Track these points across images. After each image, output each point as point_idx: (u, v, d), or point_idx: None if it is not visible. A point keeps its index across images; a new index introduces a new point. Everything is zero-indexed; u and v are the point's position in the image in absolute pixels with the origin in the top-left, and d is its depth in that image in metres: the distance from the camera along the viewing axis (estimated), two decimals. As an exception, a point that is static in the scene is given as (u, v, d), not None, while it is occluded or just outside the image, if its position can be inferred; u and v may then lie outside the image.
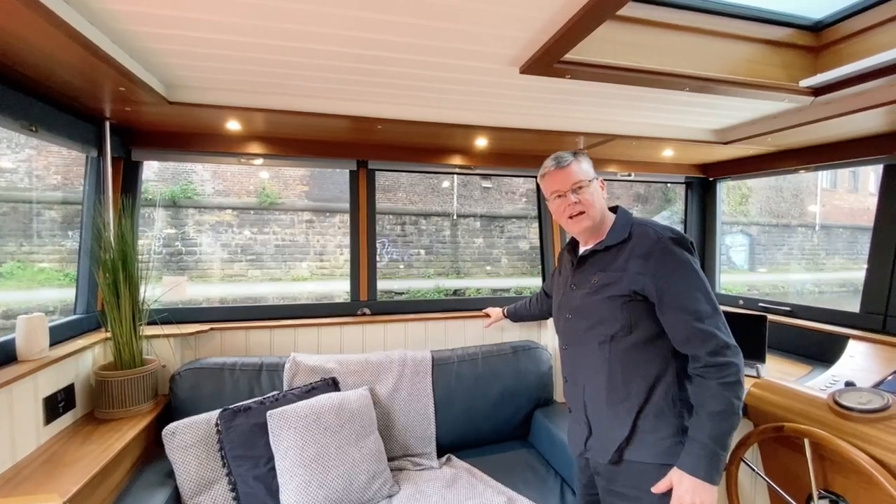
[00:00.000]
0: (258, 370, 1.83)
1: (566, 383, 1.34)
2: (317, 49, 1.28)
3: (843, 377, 1.47)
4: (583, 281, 1.26)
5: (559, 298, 1.37)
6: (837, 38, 1.57)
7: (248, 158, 2.11)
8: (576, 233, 1.29)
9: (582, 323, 1.25)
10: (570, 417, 1.35)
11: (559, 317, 1.36)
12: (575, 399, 1.29)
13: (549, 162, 1.29)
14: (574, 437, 1.32)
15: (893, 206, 1.88)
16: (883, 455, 1.11)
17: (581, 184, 1.23)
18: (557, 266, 1.48)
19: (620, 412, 1.17)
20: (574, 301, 1.28)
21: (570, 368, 1.31)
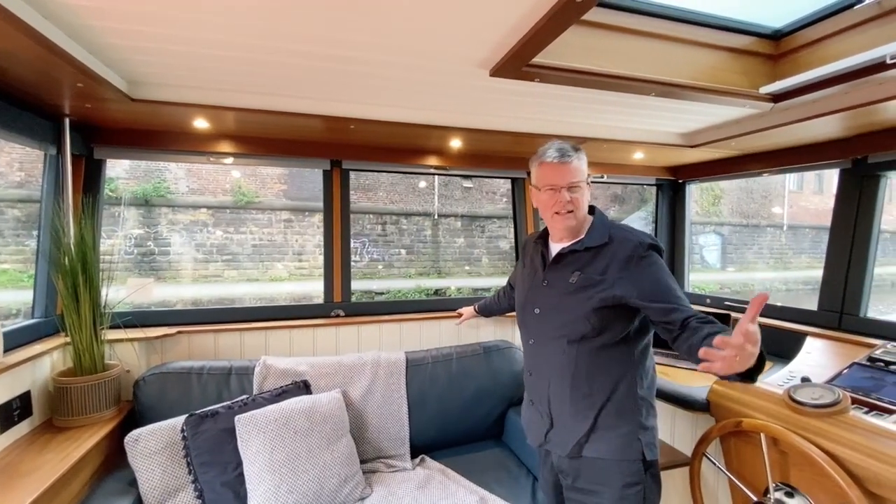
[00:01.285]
0: (227, 374, 1.80)
1: (530, 376, 1.35)
2: (286, 48, 1.27)
3: (799, 373, 1.53)
4: (558, 279, 1.26)
5: (525, 292, 1.36)
6: (795, 47, 1.63)
7: (217, 157, 2.07)
8: (558, 229, 1.29)
9: (553, 320, 1.25)
10: (530, 408, 1.36)
11: (525, 310, 1.35)
12: (538, 392, 1.31)
13: (552, 152, 1.24)
14: (534, 427, 1.34)
15: (849, 209, 1.97)
16: (833, 448, 1.16)
17: (578, 184, 1.23)
18: (521, 258, 1.48)
19: (582, 408, 1.20)
20: (546, 298, 1.28)
21: (535, 363, 1.32)
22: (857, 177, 1.94)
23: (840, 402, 1.20)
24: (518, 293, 1.42)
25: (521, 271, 1.45)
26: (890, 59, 1.31)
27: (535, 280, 1.34)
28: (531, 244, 1.42)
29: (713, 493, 1.61)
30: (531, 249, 1.41)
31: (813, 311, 2.04)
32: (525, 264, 1.43)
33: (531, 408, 1.36)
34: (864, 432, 1.14)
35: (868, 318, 1.89)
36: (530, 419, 1.37)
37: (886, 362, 1.50)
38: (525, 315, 1.35)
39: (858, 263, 1.91)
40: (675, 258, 2.92)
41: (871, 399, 1.36)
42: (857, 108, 1.55)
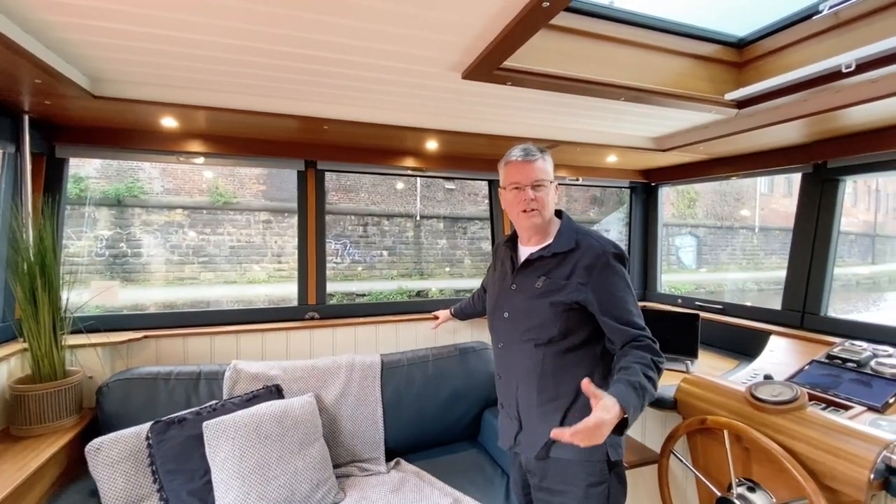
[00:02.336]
0: (196, 379, 1.75)
1: (499, 379, 1.36)
2: (258, 47, 1.25)
3: (762, 371, 1.58)
4: (525, 283, 1.28)
5: (495, 296, 1.38)
6: (758, 55, 1.68)
7: (187, 157, 2.02)
8: (524, 227, 1.30)
9: (521, 324, 1.27)
10: (501, 412, 1.38)
11: (495, 314, 1.36)
12: (507, 395, 1.33)
13: (517, 152, 1.27)
14: (505, 430, 1.35)
15: (810, 212, 2.04)
16: (791, 443, 1.20)
17: (542, 182, 1.25)
18: (493, 261, 1.49)
19: (549, 410, 1.22)
20: (515, 302, 1.29)
21: (504, 366, 1.33)
22: (818, 181, 2.02)
23: (798, 398, 1.24)
24: (489, 297, 1.43)
25: (492, 275, 1.46)
26: (845, 69, 1.36)
27: (504, 284, 1.35)
28: (502, 248, 1.43)
29: (681, 489, 1.65)
30: (502, 253, 1.42)
31: (777, 311, 2.11)
32: (496, 268, 1.44)
33: (502, 412, 1.38)
34: (821, 428, 1.18)
35: (828, 317, 1.96)
36: (502, 423, 1.39)
37: (843, 360, 1.57)
38: (495, 319, 1.36)
39: (819, 264, 1.99)
40: (647, 259, 2.98)
41: (828, 395, 1.41)
42: (816, 115, 1.61)
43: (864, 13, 1.37)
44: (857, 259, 17.25)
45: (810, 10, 1.49)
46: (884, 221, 19.36)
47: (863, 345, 1.63)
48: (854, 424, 1.17)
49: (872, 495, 1.10)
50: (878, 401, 1.34)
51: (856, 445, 1.10)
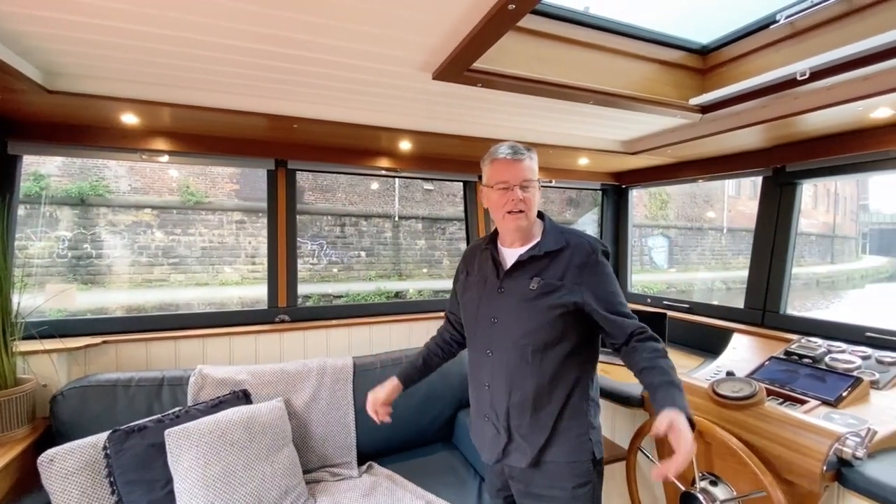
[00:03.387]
0: (158, 385, 1.69)
1: (485, 389, 1.25)
2: (221, 43, 1.21)
3: (725, 367, 1.63)
4: (517, 286, 1.21)
5: (477, 301, 1.28)
6: (721, 62, 1.74)
7: (151, 155, 1.95)
8: (509, 229, 1.24)
9: (514, 329, 1.19)
10: (483, 423, 1.28)
11: (479, 321, 1.27)
12: (495, 406, 1.23)
13: (504, 149, 1.21)
14: (489, 444, 1.27)
15: (770, 214, 2.12)
16: (750, 437, 1.24)
17: (530, 182, 1.20)
18: (461, 270, 1.39)
19: (542, 416, 1.19)
20: (505, 306, 1.22)
21: (493, 374, 1.23)
22: (777, 184, 2.10)
23: (756, 394, 1.28)
24: (468, 304, 1.32)
25: (465, 282, 1.35)
26: (800, 76, 1.42)
27: (487, 288, 1.26)
28: (477, 252, 1.35)
29: (649, 485, 1.68)
30: (478, 257, 1.34)
31: (740, 309, 2.18)
32: (470, 273, 1.35)
33: (485, 423, 1.27)
34: (777, 422, 1.22)
35: (787, 315, 2.04)
36: (483, 435, 1.29)
37: (800, 356, 1.63)
38: (479, 326, 1.27)
39: (779, 264, 2.07)
40: (619, 259, 3.04)
41: (785, 391, 1.47)
42: (775, 121, 1.67)
43: (817, 23, 1.44)
44: (818, 259, 18.09)
45: (768, 19, 1.55)
46: (842, 223, 20.36)
47: (818, 341, 1.70)
48: (808, 418, 1.22)
49: (826, 486, 1.14)
50: (831, 395, 1.40)
51: (809, 439, 1.14)
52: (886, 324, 1.73)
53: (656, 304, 2.67)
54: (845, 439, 1.12)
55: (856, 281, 17.90)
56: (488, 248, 1.31)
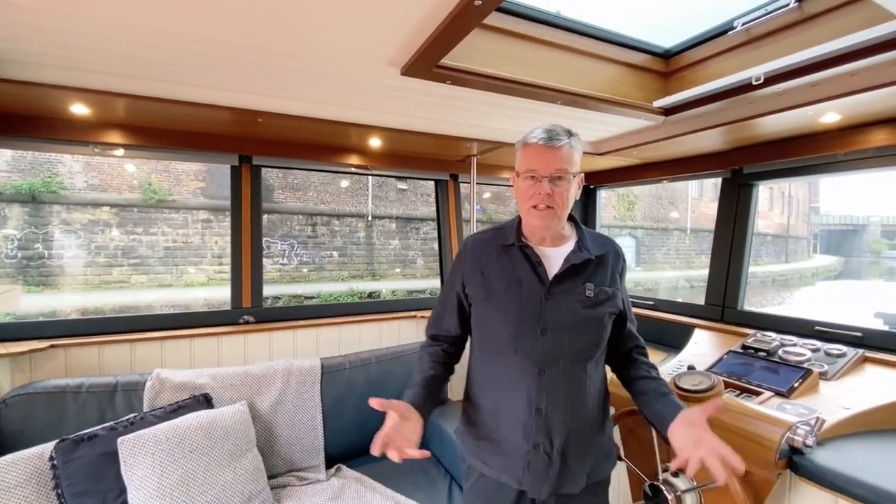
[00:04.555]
0: (111, 391, 1.61)
1: (535, 415, 1.05)
2: (180, 31, 1.15)
3: (687, 362, 1.68)
4: (568, 292, 1.08)
5: (516, 309, 1.08)
6: (682, 66, 1.79)
7: (103, 148, 1.85)
8: (535, 227, 1.10)
9: (571, 342, 1.06)
10: (522, 457, 1.07)
11: (520, 334, 1.06)
12: (551, 434, 1.06)
13: (540, 133, 1.06)
14: (539, 476, 1.07)
15: (728, 214, 2.21)
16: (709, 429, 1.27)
17: (564, 173, 1.05)
18: (467, 266, 1.16)
19: (598, 435, 1.16)
20: (556, 315, 1.06)
21: (548, 397, 1.06)
22: (735, 185, 2.18)
23: (715, 387, 1.33)
24: (495, 313, 1.10)
25: (485, 284, 1.12)
26: (755, 81, 1.48)
27: (526, 293, 1.08)
28: (492, 248, 1.15)
29: (614, 478, 1.72)
30: (497, 255, 1.13)
31: (701, 306, 2.26)
32: (488, 274, 1.12)
33: (534, 454, 1.06)
34: (734, 413, 1.27)
35: (744, 311, 2.13)
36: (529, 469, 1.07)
37: (756, 349, 1.70)
38: (519, 340, 1.07)
39: (736, 262, 2.15)
40: (588, 259, 3.10)
41: (742, 383, 1.53)
42: (733, 124, 1.74)
43: (771, 31, 1.50)
44: (773, 258, 19.05)
45: (726, 25, 1.60)
46: (795, 224, 21.52)
47: (772, 335, 1.77)
48: (762, 409, 1.27)
49: (778, 474, 1.19)
50: (784, 386, 1.47)
51: (763, 428, 1.19)
52: (834, 318, 1.83)
53: (623, 301, 2.74)
54: (796, 428, 1.17)
55: (807, 279, 18.97)
56: (515, 245, 1.12)
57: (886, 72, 1.29)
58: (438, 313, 1.24)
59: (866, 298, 12.97)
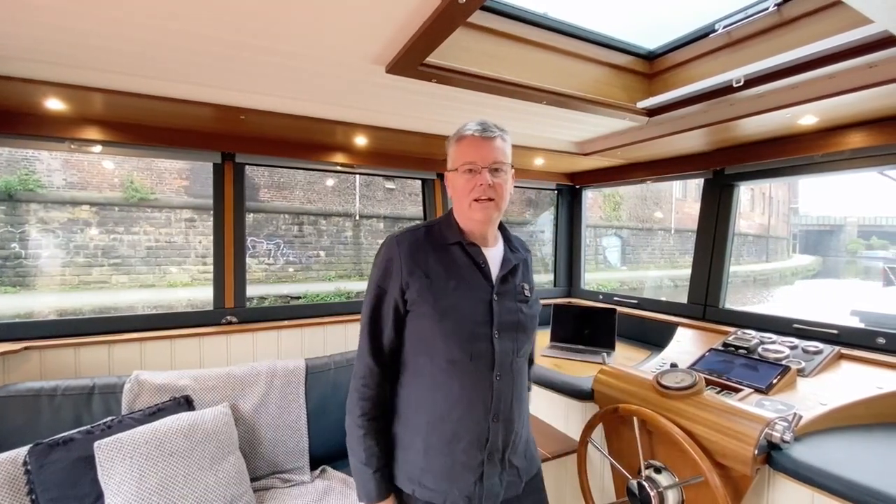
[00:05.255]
0: (88, 394, 1.56)
1: (493, 422, 1.01)
2: (160, 25, 1.13)
3: (669, 360, 1.71)
4: (509, 291, 1.06)
5: (470, 312, 1.01)
6: (665, 67, 1.82)
7: (80, 144, 1.80)
8: (477, 221, 1.04)
9: (517, 343, 1.05)
10: (474, 470, 1.01)
11: (475, 338, 1.00)
12: (504, 440, 1.04)
13: (473, 126, 1.03)
14: (494, 488, 1.03)
15: (710, 215, 2.24)
16: (690, 426, 1.29)
17: (502, 165, 1.02)
18: (414, 267, 1.02)
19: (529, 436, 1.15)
20: (504, 315, 1.03)
21: (501, 403, 1.02)
22: (717, 186, 2.22)
23: (696, 384, 1.35)
24: (448, 319, 1.00)
25: (431, 289, 1.01)
26: (736, 83, 1.51)
27: (475, 295, 1.03)
28: (427, 249, 1.05)
29: (599, 476, 1.73)
30: (437, 256, 1.05)
31: (684, 304, 2.30)
32: (433, 277, 1.02)
33: (490, 466, 1.02)
34: (715, 410, 1.29)
35: (726, 309, 2.17)
36: (485, 482, 1.02)
37: (736, 347, 1.73)
38: (475, 345, 1.00)
39: (718, 261, 2.19)
40: (572, 257, 3.12)
41: (722, 380, 1.56)
42: (714, 125, 1.77)
43: (751, 34, 1.53)
44: (755, 258, 19.47)
45: (707, 28, 1.63)
46: (775, 224, 22.03)
47: (752, 333, 1.81)
48: (741, 405, 1.29)
49: (757, 469, 1.22)
50: (763, 383, 1.50)
51: (742, 424, 1.21)
52: (812, 316, 1.88)
53: (607, 300, 2.77)
54: (774, 424, 1.19)
55: (787, 278, 19.44)
56: (459, 244, 1.06)
57: (862, 75, 1.32)
58: (371, 338, 1.04)
59: (843, 297, 13.34)
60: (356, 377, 1.05)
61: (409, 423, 1.04)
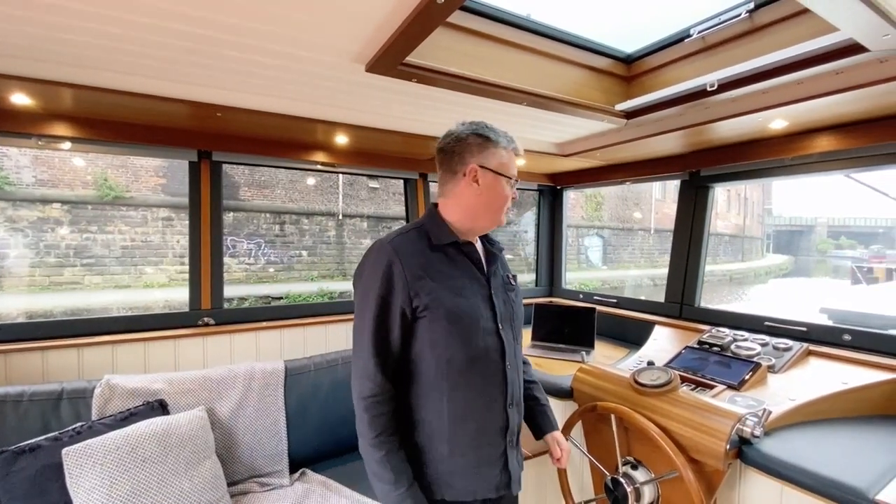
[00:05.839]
0: (56, 399, 1.51)
1: (508, 412, 1.07)
2: (133, 21, 1.09)
3: (647, 357, 1.74)
4: (500, 283, 1.14)
5: (479, 309, 1.05)
6: (643, 71, 1.85)
7: (48, 141, 1.74)
8: (496, 223, 1.12)
9: (516, 330, 1.14)
10: (498, 460, 1.06)
11: (486, 333, 1.04)
12: (515, 426, 1.10)
13: (515, 142, 1.14)
14: (507, 473, 1.08)
15: (686, 215, 2.29)
16: (665, 422, 1.32)
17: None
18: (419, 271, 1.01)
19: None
20: (502, 307, 1.09)
21: (514, 391, 1.09)
22: (693, 187, 2.27)
23: (671, 381, 1.38)
24: (463, 317, 1.02)
25: (441, 290, 1.01)
26: (710, 87, 1.54)
27: (481, 292, 1.07)
28: (423, 250, 1.04)
29: (579, 474, 1.76)
30: (437, 256, 1.05)
31: (661, 303, 2.34)
32: (437, 279, 1.02)
33: (509, 449, 1.08)
34: (689, 407, 1.32)
35: (701, 308, 2.22)
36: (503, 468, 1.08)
37: (710, 345, 1.78)
38: (490, 341, 1.05)
39: (694, 261, 2.24)
40: (554, 257, 3.16)
41: (697, 377, 1.59)
42: (690, 128, 1.80)
43: (725, 39, 1.57)
44: (731, 257, 20.00)
45: (683, 33, 1.66)
46: (750, 224, 22.67)
47: (725, 331, 1.86)
48: (714, 402, 1.32)
49: (729, 464, 1.25)
50: (735, 379, 1.54)
51: (715, 420, 1.24)
52: (782, 314, 1.93)
53: (587, 299, 2.81)
54: (745, 420, 1.23)
55: (761, 277, 20.03)
56: (455, 244, 1.08)
57: (829, 81, 1.37)
58: (378, 351, 0.99)
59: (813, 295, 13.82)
60: (362, 398, 0.98)
61: (429, 429, 1.02)
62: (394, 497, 0.97)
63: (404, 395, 1.04)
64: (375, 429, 0.97)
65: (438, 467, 1.02)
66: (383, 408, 0.99)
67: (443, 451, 1.02)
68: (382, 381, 0.99)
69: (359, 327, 1.01)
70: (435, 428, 1.02)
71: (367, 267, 1.03)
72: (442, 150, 1.11)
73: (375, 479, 0.99)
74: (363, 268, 1.05)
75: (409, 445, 1.03)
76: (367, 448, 0.99)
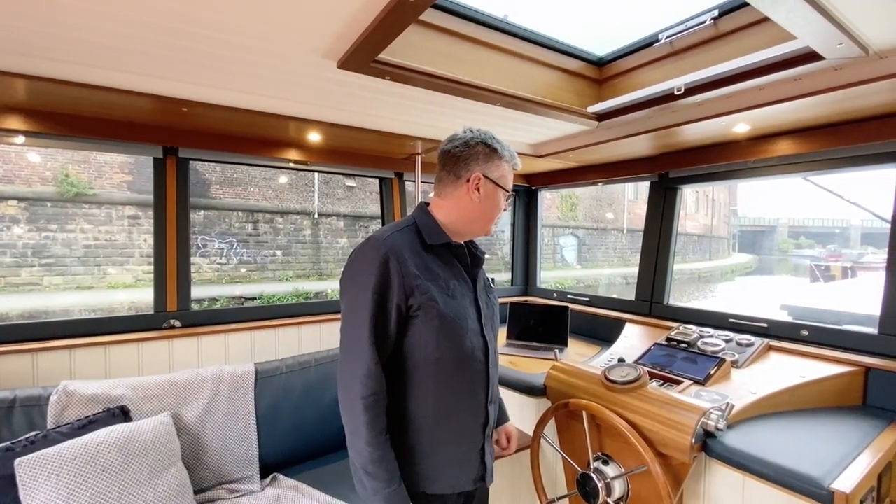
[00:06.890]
0: (8, 408, 1.43)
1: (488, 409, 1.14)
2: (88, 8, 1.04)
3: (618, 355, 1.78)
4: (483, 284, 1.19)
5: (466, 309, 1.09)
6: (614, 74, 1.88)
7: (0, 135, 1.64)
8: (486, 232, 1.16)
9: (494, 330, 1.20)
10: (477, 452, 1.13)
11: (471, 332, 1.09)
12: (492, 420, 1.18)
13: (517, 160, 1.17)
14: (482, 465, 1.15)
15: (655, 216, 2.35)
16: (634, 418, 1.35)
17: None
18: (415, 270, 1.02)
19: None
20: (485, 310, 1.16)
21: (492, 387, 1.16)
22: (662, 189, 2.33)
23: (640, 378, 1.41)
24: (456, 317, 1.05)
25: (438, 290, 1.04)
26: (677, 91, 1.59)
27: (469, 293, 1.13)
28: (417, 250, 1.05)
29: (552, 470, 1.78)
30: (425, 254, 1.06)
31: (631, 301, 2.40)
32: (434, 279, 1.04)
33: (486, 441, 1.15)
34: (657, 402, 1.35)
35: (670, 305, 2.28)
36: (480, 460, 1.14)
37: (678, 341, 1.83)
38: (476, 340, 1.10)
39: (663, 260, 2.30)
40: (529, 257, 3.19)
41: (665, 373, 1.64)
42: (659, 131, 1.85)
43: (691, 45, 1.61)
44: (699, 256, 20.69)
45: (652, 38, 1.70)
46: (717, 225, 23.51)
47: (692, 328, 1.92)
48: (680, 397, 1.36)
49: (694, 457, 1.29)
50: (701, 375, 1.59)
51: (681, 415, 1.28)
52: (745, 311, 2.01)
53: (561, 298, 2.85)
54: (709, 413, 1.27)
55: (727, 275, 20.81)
56: (447, 245, 1.10)
57: (788, 87, 1.42)
58: (376, 348, 0.98)
59: (775, 292, 14.45)
60: (362, 397, 0.97)
61: (416, 424, 1.05)
62: (385, 494, 0.97)
63: (390, 392, 1.04)
64: (375, 428, 0.97)
65: (422, 462, 1.05)
66: (381, 406, 1.00)
67: (427, 446, 1.05)
68: (381, 379, 0.99)
69: (353, 326, 1.00)
70: (421, 424, 1.05)
71: (361, 264, 1.02)
72: (448, 152, 1.12)
73: (368, 478, 0.98)
74: (356, 265, 1.03)
75: (395, 441, 1.03)
76: (364, 447, 0.97)
